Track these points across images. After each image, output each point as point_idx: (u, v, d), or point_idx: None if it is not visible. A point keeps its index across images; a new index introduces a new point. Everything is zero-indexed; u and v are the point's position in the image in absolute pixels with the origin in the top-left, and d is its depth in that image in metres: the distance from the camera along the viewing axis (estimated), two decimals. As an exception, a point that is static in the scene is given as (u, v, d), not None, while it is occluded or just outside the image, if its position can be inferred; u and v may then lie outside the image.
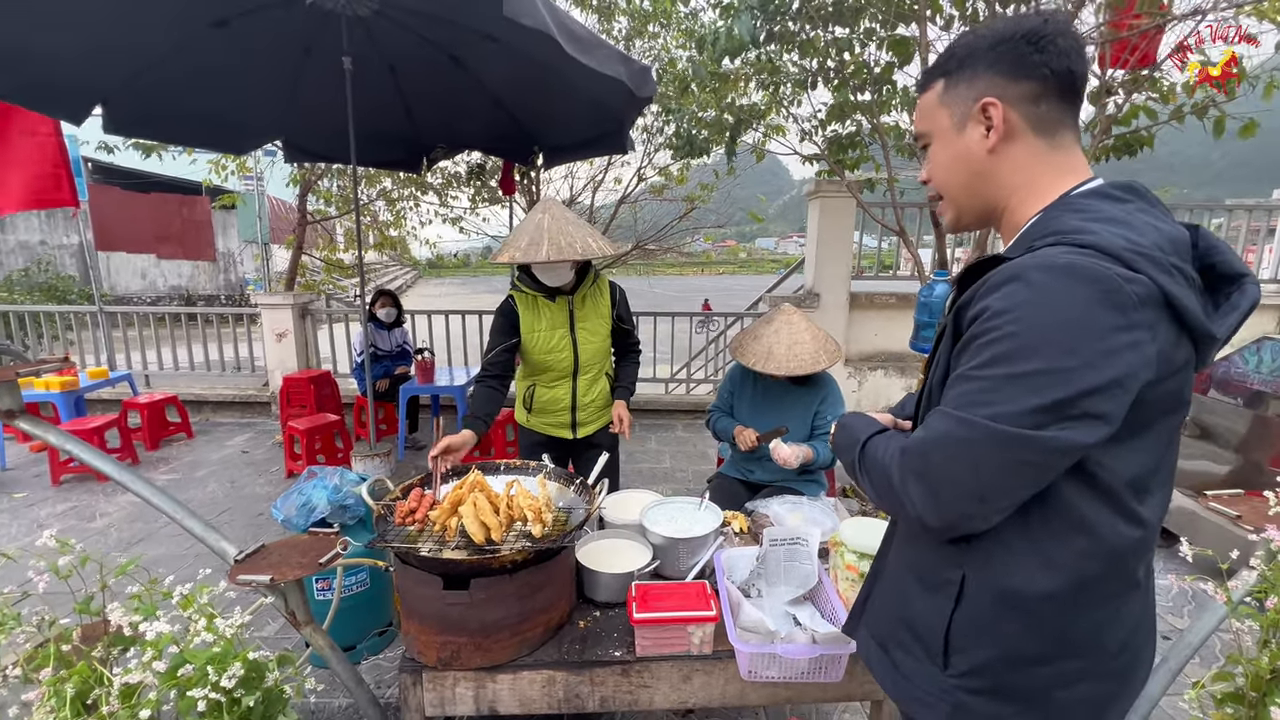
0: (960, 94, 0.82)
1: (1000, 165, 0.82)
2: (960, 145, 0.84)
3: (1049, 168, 0.81)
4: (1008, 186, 0.83)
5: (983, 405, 0.71)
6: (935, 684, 0.87)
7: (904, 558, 0.95)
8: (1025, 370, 0.68)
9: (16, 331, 5.76)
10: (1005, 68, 0.79)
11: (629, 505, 2.03)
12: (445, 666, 1.43)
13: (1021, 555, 0.78)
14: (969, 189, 0.86)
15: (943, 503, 0.74)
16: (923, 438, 0.77)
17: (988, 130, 0.81)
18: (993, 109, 0.79)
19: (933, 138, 0.88)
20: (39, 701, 1.17)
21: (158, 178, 12.59)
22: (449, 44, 3.25)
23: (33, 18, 2.40)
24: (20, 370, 1.47)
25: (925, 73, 0.89)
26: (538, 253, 1.97)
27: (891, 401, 5.48)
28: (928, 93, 0.87)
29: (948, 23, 3.21)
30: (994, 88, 0.79)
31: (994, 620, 0.81)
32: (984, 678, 0.83)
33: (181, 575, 1.48)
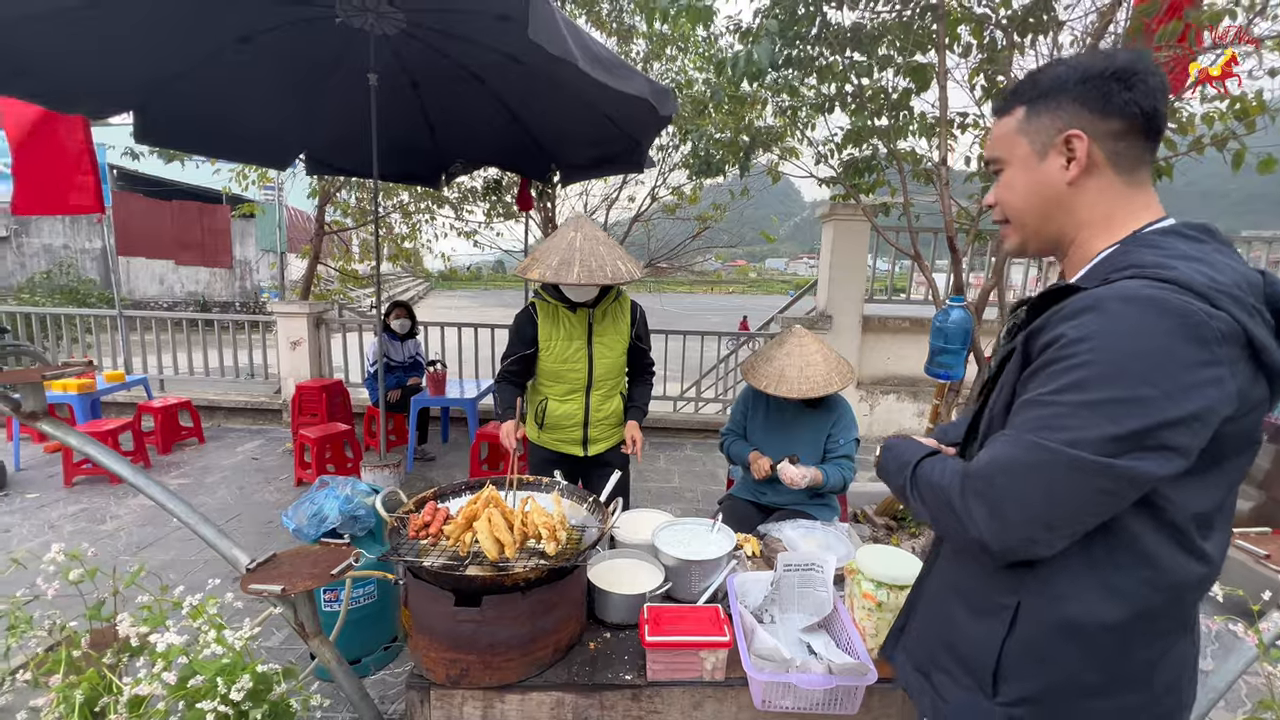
0: (1043, 124, 0.83)
1: (1078, 198, 0.83)
2: (1039, 174, 0.84)
3: (1125, 204, 0.82)
4: (1082, 219, 0.83)
5: (1057, 430, 0.71)
6: (981, 712, 0.85)
7: (950, 582, 0.94)
8: (1103, 398, 0.68)
9: (38, 333, 5.85)
10: (1093, 103, 0.79)
11: (640, 525, 2.01)
12: (454, 684, 1.41)
13: (1084, 584, 0.77)
14: (1043, 217, 0.86)
15: (1008, 526, 0.74)
16: (990, 460, 0.76)
17: (1068, 162, 0.81)
18: (1077, 142, 0.80)
19: (1008, 164, 0.88)
20: (48, 708, 1.16)
21: (179, 185, 12.85)
22: (472, 63, 3.32)
23: (69, 28, 2.47)
24: (46, 373, 1.49)
25: (1004, 97, 0.89)
26: (569, 273, 1.98)
27: (903, 426, 5.43)
28: (1006, 118, 0.87)
29: (965, 50, 3.24)
30: (1080, 121, 0.80)
31: (1050, 649, 0.80)
32: (1034, 707, 0.81)
33: (190, 580, 1.48)
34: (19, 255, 13.40)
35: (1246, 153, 2.83)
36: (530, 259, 2.14)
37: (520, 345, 2.24)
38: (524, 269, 2.13)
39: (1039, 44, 3.05)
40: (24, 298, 11.39)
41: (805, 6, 3.16)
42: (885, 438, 1.08)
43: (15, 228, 13.22)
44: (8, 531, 3.34)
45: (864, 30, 3.36)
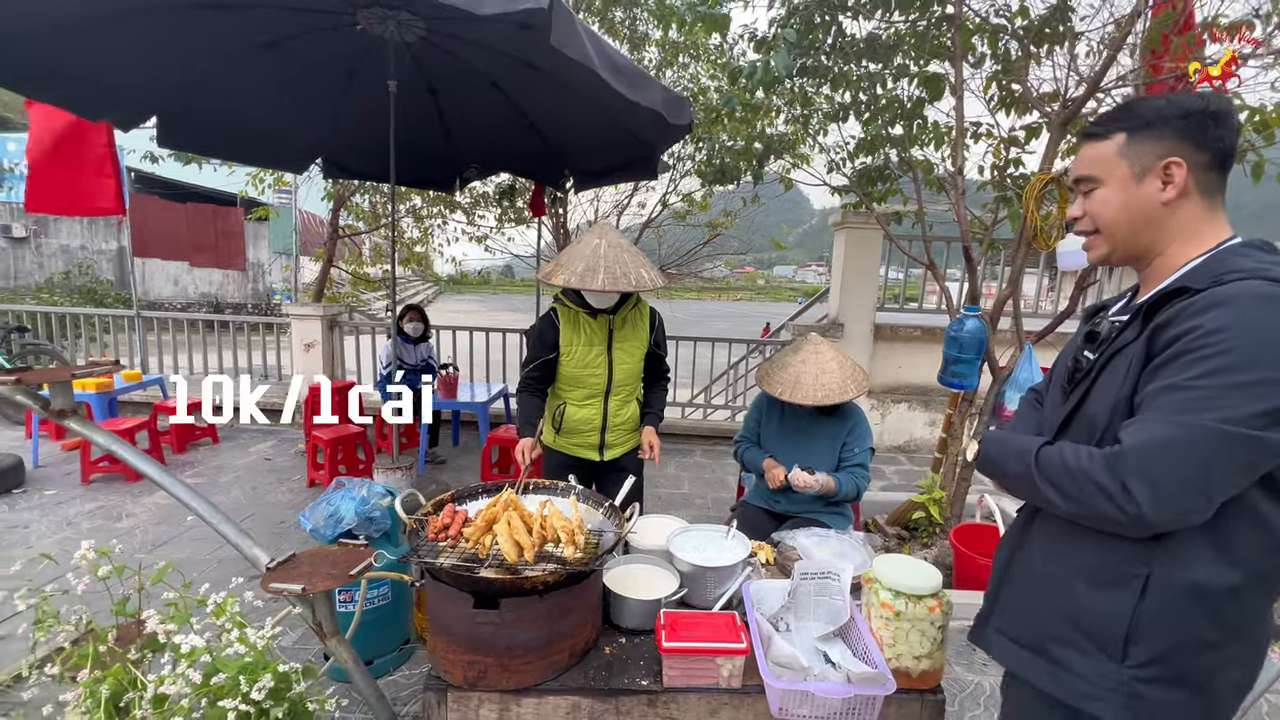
0: (1145, 150, 0.94)
1: (1170, 217, 0.95)
2: (1137, 194, 0.96)
3: (1206, 224, 0.95)
4: (1169, 235, 0.96)
5: (1207, 410, 0.80)
6: (1110, 677, 0.94)
7: (1066, 560, 1.01)
8: (1246, 380, 0.79)
9: (56, 332, 5.93)
10: (1193, 136, 0.92)
11: (654, 530, 2.02)
12: (471, 686, 1.42)
13: (1209, 552, 0.88)
14: (1135, 232, 0.98)
15: (1170, 500, 0.82)
16: (1146, 440, 0.84)
17: (1165, 185, 0.93)
18: (1176, 169, 0.92)
19: (1104, 183, 0.99)
20: (75, 702, 1.18)
21: (195, 188, 13.02)
22: (490, 70, 3.36)
23: (96, 35, 2.52)
24: (76, 371, 1.52)
25: (1100, 123, 1.00)
26: (593, 279, 2.01)
27: (915, 436, 5.40)
28: (1104, 142, 0.98)
29: (979, 60, 3.25)
30: (1179, 151, 0.92)
31: (1177, 612, 0.90)
32: (1161, 666, 0.91)
33: (204, 578, 1.49)
34: (38, 255, 13.60)
35: (1266, 164, 2.82)
36: (554, 264, 2.15)
37: (542, 350, 2.26)
38: (548, 274, 2.13)
39: (1055, 54, 3.05)
40: (43, 297, 11.56)
41: (821, 16, 3.18)
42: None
43: (34, 228, 13.43)
44: (27, 527, 3.38)
45: (879, 40, 3.37)
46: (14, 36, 2.34)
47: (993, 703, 2.24)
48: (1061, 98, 2.95)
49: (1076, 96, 2.86)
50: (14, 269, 13.52)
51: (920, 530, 3.40)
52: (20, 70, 2.52)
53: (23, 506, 3.65)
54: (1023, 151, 3.33)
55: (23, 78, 2.59)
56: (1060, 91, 2.98)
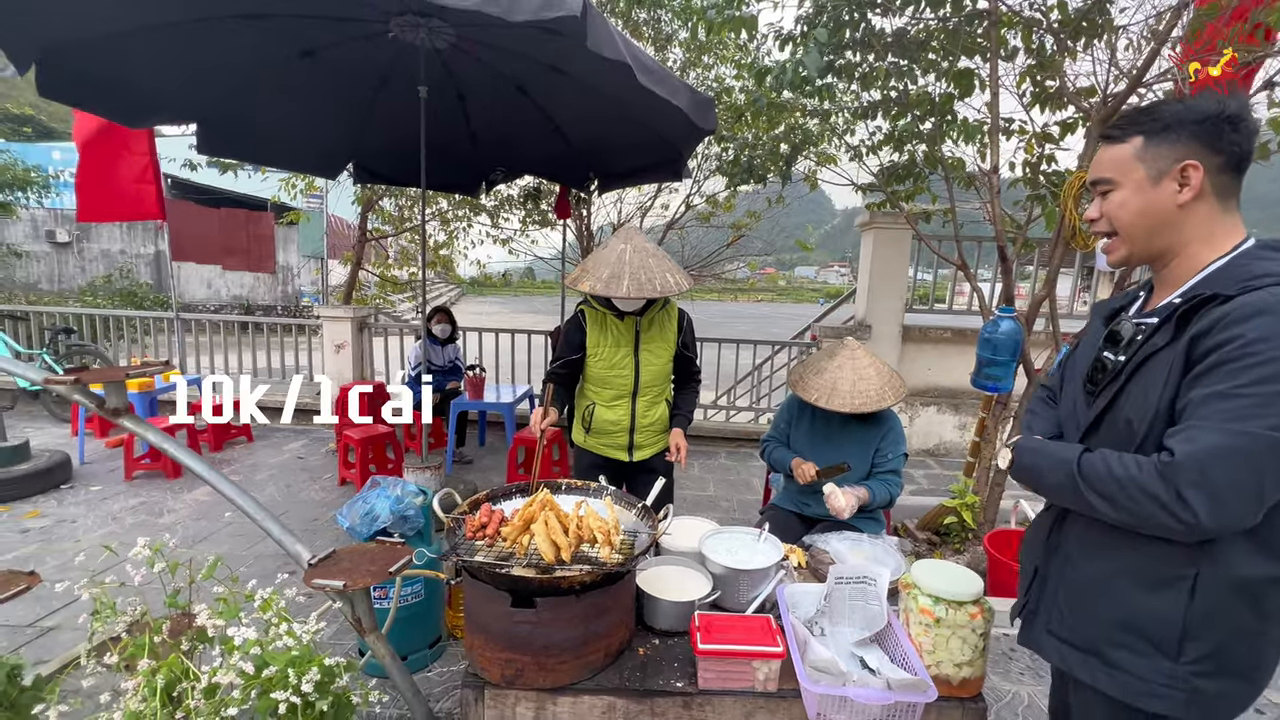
0: (1162, 153, 0.96)
1: (1186, 218, 0.97)
2: (1154, 196, 0.98)
3: (1221, 227, 0.97)
4: (1187, 237, 0.98)
5: (1257, 418, 0.83)
6: (1167, 675, 0.97)
7: (1110, 561, 1.03)
8: None
9: (100, 333, 6.15)
10: (1208, 139, 0.94)
11: (686, 532, 2.02)
12: (508, 684, 1.44)
13: (1250, 548, 0.91)
14: (1152, 233, 1.00)
15: (1227, 508, 0.85)
16: (1198, 450, 0.85)
17: (1181, 187, 0.95)
18: (1193, 171, 0.94)
19: (1121, 185, 1.01)
20: (133, 690, 1.22)
21: (228, 193, 13.40)
22: (518, 75, 3.39)
23: (140, 47, 2.61)
24: (130, 372, 1.57)
25: (1118, 127, 1.02)
26: (618, 286, 2.02)
27: (944, 439, 5.31)
28: (1122, 146, 1.00)
29: (1010, 54, 3.17)
30: (1195, 154, 0.94)
31: (1226, 608, 0.93)
32: (1215, 660, 0.94)
33: (245, 574, 1.54)
34: (80, 260, 14.12)
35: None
36: (580, 270, 2.16)
37: (568, 350, 2.29)
38: (574, 280, 2.15)
39: (1094, 49, 2.97)
40: (87, 300, 11.99)
41: (850, 13, 3.15)
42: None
43: (77, 233, 13.95)
44: (74, 522, 3.51)
45: (908, 36, 3.32)
46: (61, 49, 2.44)
47: (1030, 713, 2.19)
48: (1101, 93, 2.88)
49: (1117, 92, 2.79)
50: (58, 273, 14.07)
51: (952, 536, 3.34)
52: (67, 82, 2.61)
53: (70, 501, 3.79)
54: (1057, 148, 3.25)
55: (69, 89, 2.68)
56: (1099, 87, 2.91)
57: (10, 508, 3.64)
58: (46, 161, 12.26)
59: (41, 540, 3.26)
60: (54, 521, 3.50)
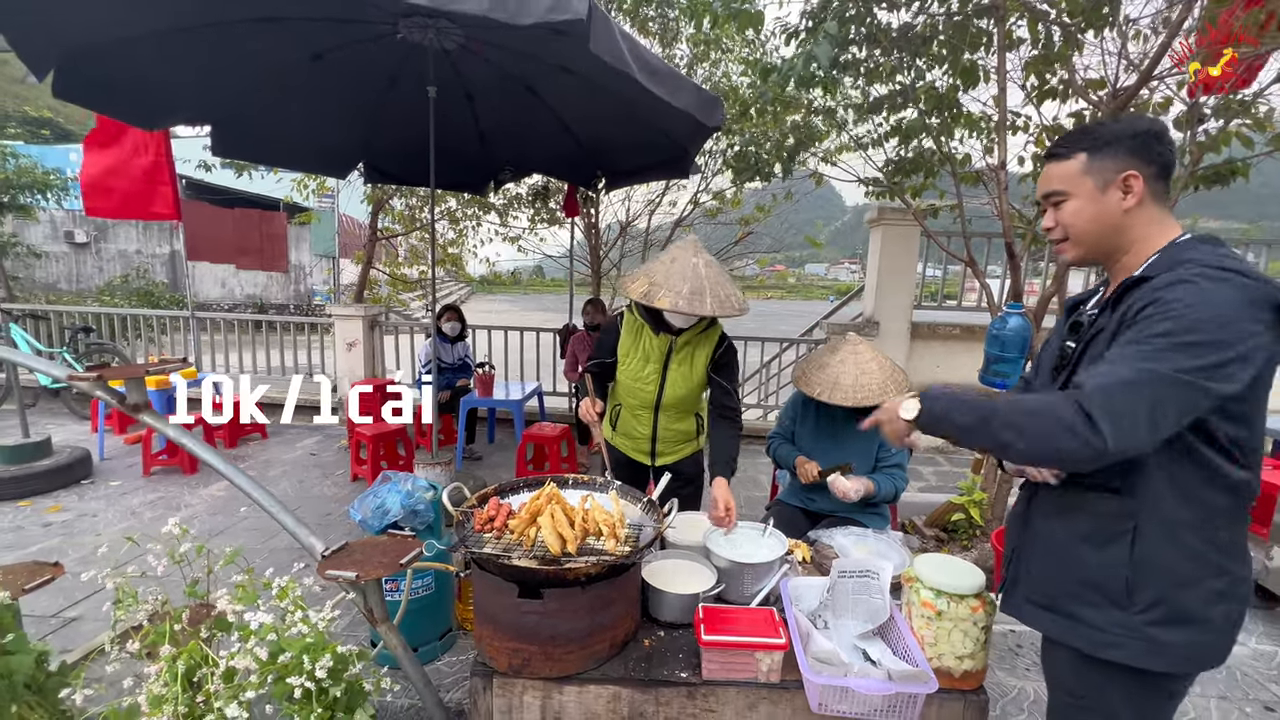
0: (1106, 166, 1.10)
1: (1130, 221, 1.11)
2: (1102, 205, 1.11)
3: (1158, 225, 1.12)
4: (1132, 237, 1.12)
5: (1162, 361, 0.95)
6: (1124, 625, 1.07)
7: (1067, 529, 1.15)
8: (1192, 340, 0.94)
9: (118, 332, 6.27)
10: (1142, 152, 1.08)
11: (691, 527, 2.04)
12: (516, 674, 1.47)
13: (1169, 493, 1.04)
14: (1102, 237, 1.14)
15: (1127, 432, 0.95)
16: (1104, 382, 0.97)
17: (1125, 194, 1.10)
18: (1134, 180, 1.09)
19: (1073, 196, 1.14)
20: (155, 676, 1.27)
21: (242, 194, 13.56)
22: (526, 74, 3.42)
23: (155, 51, 2.66)
24: (150, 369, 1.62)
25: (1062, 145, 1.16)
26: (701, 304, 1.87)
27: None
28: (1068, 161, 1.14)
29: (1015, 45, 3.14)
30: (1134, 165, 1.09)
31: (1163, 557, 1.05)
32: (1164, 608, 1.05)
33: (261, 566, 1.58)
34: (98, 260, 14.37)
35: None
36: (649, 282, 1.94)
37: (602, 353, 2.24)
38: (647, 295, 1.91)
39: (1104, 40, 2.94)
40: (105, 299, 12.20)
41: (856, 7, 3.14)
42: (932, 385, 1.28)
43: (95, 234, 14.19)
44: (95, 516, 3.59)
45: (914, 30, 3.31)
46: (77, 55, 2.49)
47: (1037, 708, 2.19)
48: (1111, 86, 2.86)
49: (1127, 85, 2.76)
50: (77, 273, 14.32)
51: (960, 532, 3.34)
52: (83, 85, 2.66)
53: (91, 496, 3.88)
54: None
55: (85, 92, 2.74)
56: (1108, 79, 2.88)
57: (33, 502, 3.73)
58: (64, 164, 12.47)
59: (64, 534, 3.35)
60: (75, 516, 3.59)
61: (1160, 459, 1.03)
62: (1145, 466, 1.04)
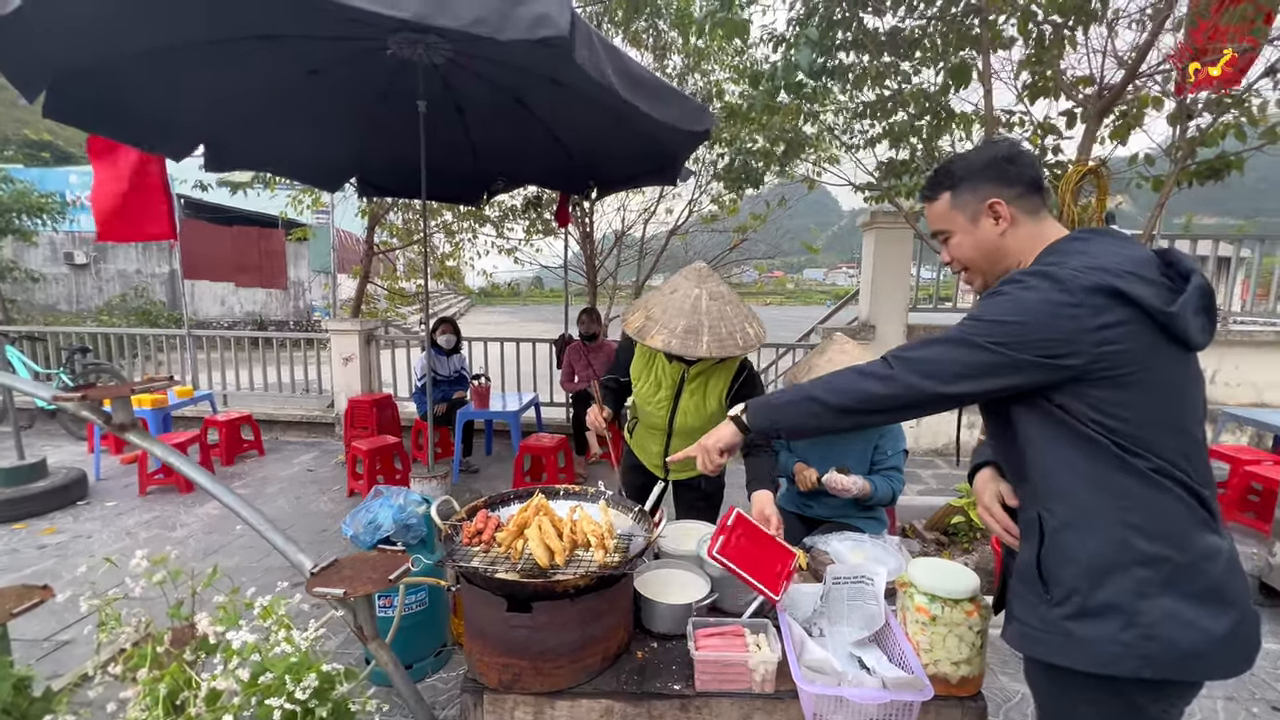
0: (967, 199, 1.18)
1: (1008, 242, 1.17)
2: (978, 234, 1.18)
3: (1038, 236, 1.15)
4: (1016, 253, 1.17)
5: (958, 330, 1.07)
6: (1043, 619, 1.05)
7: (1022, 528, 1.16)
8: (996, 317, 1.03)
9: (115, 351, 6.28)
10: (999, 178, 1.14)
11: (685, 535, 2.02)
12: (506, 689, 1.44)
13: (1077, 482, 1.02)
14: (990, 261, 1.20)
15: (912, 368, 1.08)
16: (909, 343, 1.13)
17: (996, 220, 1.15)
18: (999, 206, 1.15)
19: (953, 233, 1.22)
20: (135, 700, 1.25)
21: (239, 212, 13.63)
22: (515, 87, 3.44)
23: (150, 70, 2.68)
24: (135, 388, 1.61)
25: (927, 189, 1.25)
26: (696, 344, 1.72)
27: (952, 437, 5.25)
28: (937, 203, 1.22)
29: (1008, 44, 3.15)
30: (995, 193, 1.15)
31: (1064, 547, 1.03)
32: (1077, 601, 1.01)
33: (253, 584, 1.57)
34: (97, 280, 14.43)
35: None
36: (645, 316, 1.83)
37: (617, 369, 2.14)
38: (640, 331, 1.81)
39: (1090, 37, 2.95)
40: (103, 319, 12.24)
41: (842, 13, 3.16)
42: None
43: (94, 255, 14.25)
44: (90, 537, 3.57)
45: (901, 34, 3.33)
46: (76, 76, 2.51)
47: (1041, 713, 2.16)
48: (1098, 83, 2.86)
49: (1114, 83, 2.77)
50: (76, 294, 14.37)
51: (960, 535, 3.31)
52: (74, 106, 2.68)
53: (86, 517, 3.86)
54: (1061, 139, 3.22)
55: (76, 113, 2.75)
56: (1095, 76, 2.89)
57: (28, 524, 3.71)
58: (63, 186, 12.55)
59: (58, 556, 3.33)
60: (70, 537, 3.57)
61: (1046, 442, 1.04)
62: (1038, 451, 1.05)
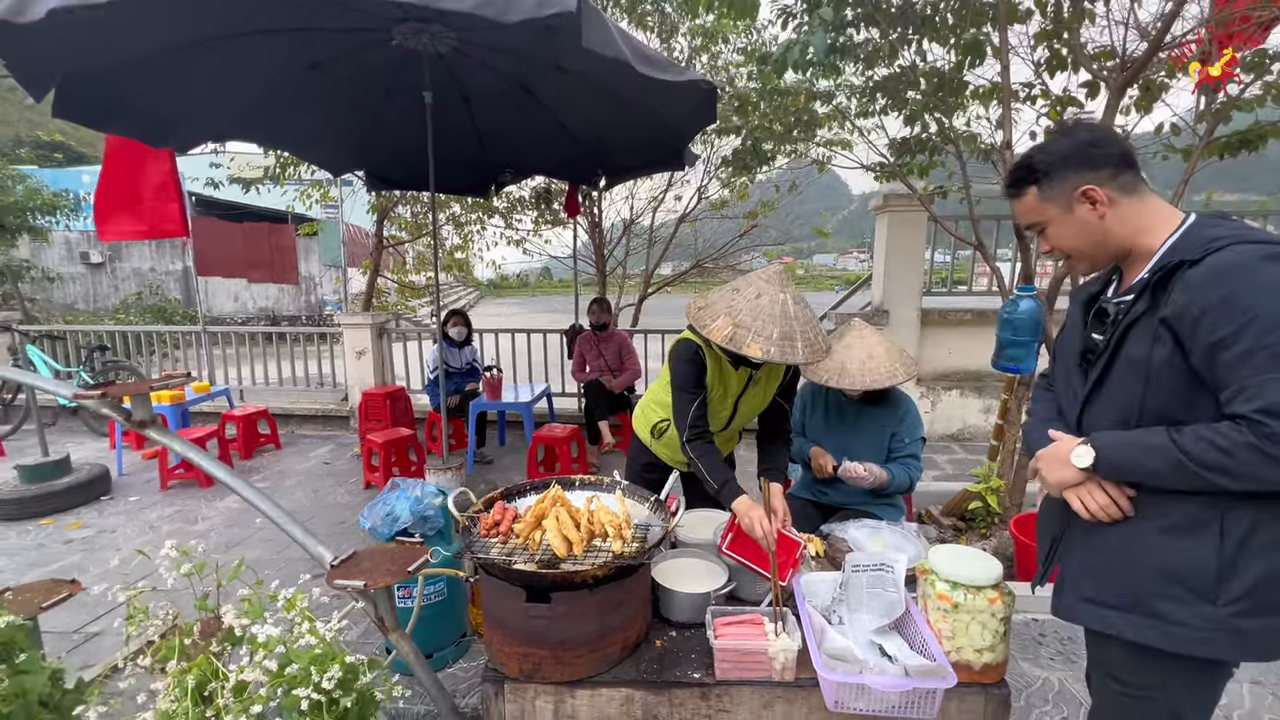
0: (1057, 191, 1.14)
1: (1110, 225, 1.12)
2: (1076, 222, 1.14)
3: (1151, 213, 1.12)
4: (1126, 234, 1.13)
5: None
6: (1208, 619, 1.03)
7: (1140, 523, 1.10)
8: None
9: (133, 349, 6.36)
10: (1086, 164, 1.11)
11: (702, 525, 2.02)
12: (527, 679, 1.46)
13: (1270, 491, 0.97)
14: (1097, 245, 1.15)
15: None
16: (1269, 404, 0.93)
17: (1093, 204, 1.11)
18: (1094, 191, 1.11)
19: (1047, 223, 1.18)
20: (165, 691, 1.27)
21: (250, 208, 13.71)
22: (521, 75, 3.40)
23: (159, 66, 2.68)
24: (153, 385, 1.62)
25: (1012, 185, 1.20)
26: (793, 352, 1.64)
27: (968, 423, 5.20)
28: (1025, 197, 1.18)
29: (1024, 16, 3.06)
30: (1084, 179, 1.11)
31: (1251, 547, 1.01)
32: (1251, 599, 1.01)
33: (274, 577, 1.58)
34: (113, 279, 14.62)
35: None
36: (734, 324, 1.68)
37: (698, 389, 1.93)
38: (734, 340, 1.66)
39: (1112, 7, 2.85)
40: (120, 317, 12.41)
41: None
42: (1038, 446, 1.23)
43: (109, 254, 14.43)
44: (114, 531, 3.64)
45: (914, 9, 3.24)
46: (85, 74, 2.51)
47: (1062, 699, 2.15)
48: (1120, 56, 2.78)
49: (1137, 56, 2.69)
50: (93, 292, 14.58)
51: (978, 521, 3.28)
52: (82, 105, 2.68)
53: (110, 512, 3.94)
54: (1082, 112, 3.14)
55: (84, 111, 2.75)
56: (1117, 49, 2.80)
57: (54, 520, 3.79)
58: (76, 185, 12.68)
59: (84, 550, 3.40)
60: (95, 532, 3.64)
61: None
62: None
